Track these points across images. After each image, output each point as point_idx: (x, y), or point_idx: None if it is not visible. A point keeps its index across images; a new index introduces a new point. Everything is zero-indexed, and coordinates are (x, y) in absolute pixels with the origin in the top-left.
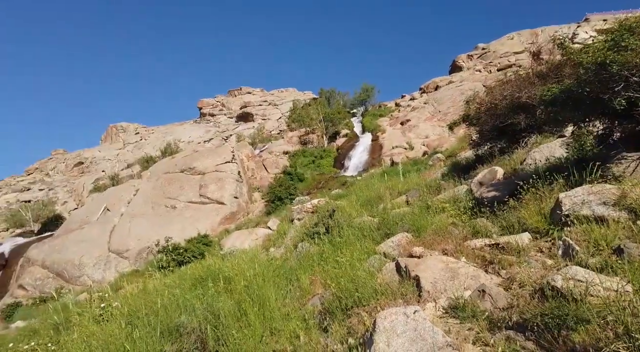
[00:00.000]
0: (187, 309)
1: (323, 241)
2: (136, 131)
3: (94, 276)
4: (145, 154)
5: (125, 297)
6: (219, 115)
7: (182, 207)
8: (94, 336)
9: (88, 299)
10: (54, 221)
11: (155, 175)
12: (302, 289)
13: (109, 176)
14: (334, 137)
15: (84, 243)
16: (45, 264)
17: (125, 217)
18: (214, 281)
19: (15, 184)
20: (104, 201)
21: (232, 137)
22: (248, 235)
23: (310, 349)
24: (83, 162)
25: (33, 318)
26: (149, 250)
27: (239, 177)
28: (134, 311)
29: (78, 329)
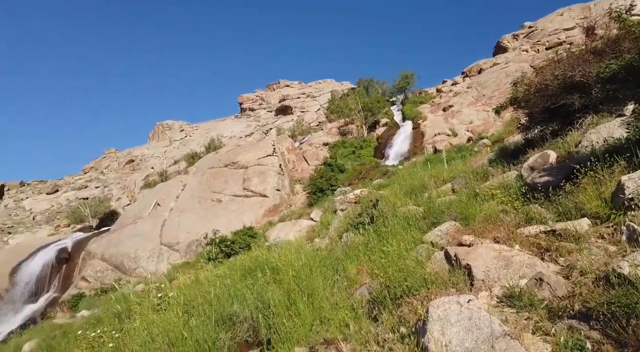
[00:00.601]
0: (238, 299)
1: (368, 231)
2: (181, 128)
3: (149, 268)
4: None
5: (179, 288)
6: (259, 110)
7: (227, 201)
8: (154, 324)
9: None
10: (110, 216)
11: (201, 170)
12: (349, 279)
13: (158, 172)
14: (374, 126)
15: (137, 237)
16: (104, 257)
17: (174, 212)
18: (263, 272)
19: (74, 183)
20: (154, 197)
21: (272, 130)
22: (292, 226)
23: (360, 338)
24: (133, 160)
25: (96, 308)
26: (197, 242)
27: (280, 169)
28: (189, 300)
29: (138, 317)
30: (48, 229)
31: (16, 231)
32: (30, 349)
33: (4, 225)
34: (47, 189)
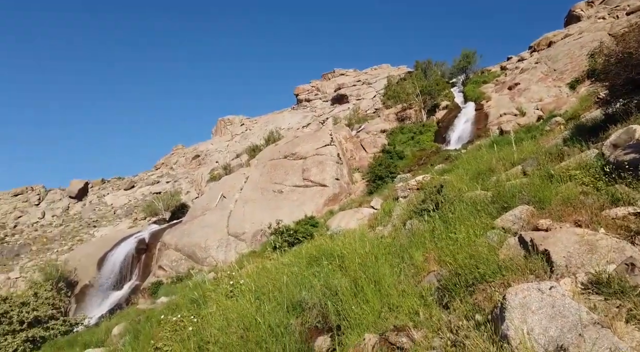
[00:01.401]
0: (305, 286)
1: (433, 218)
2: (241, 123)
3: (218, 257)
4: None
5: (249, 276)
6: (315, 100)
7: (288, 191)
8: (229, 310)
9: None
10: (181, 208)
11: (262, 162)
12: (415, 267)
13: (222, 166)
14: (433, 110)
15: (207, 228)
16: (178, 247)
17: (239, 203)
18: (328, 260)
19: (147, 178)
20: (219, 189)
21: (328, 120)
22: (352, 215)
23: (432, 325)
24: (199, 155)
25: (173, 294)
26: (262, 232)
27: (339, 159)
28: (260, 287)
29: (214, 303)
30: (127, 222)
31: (100, 224)
32: (119, 332)
33: (89, 219)
34: (124, 185)
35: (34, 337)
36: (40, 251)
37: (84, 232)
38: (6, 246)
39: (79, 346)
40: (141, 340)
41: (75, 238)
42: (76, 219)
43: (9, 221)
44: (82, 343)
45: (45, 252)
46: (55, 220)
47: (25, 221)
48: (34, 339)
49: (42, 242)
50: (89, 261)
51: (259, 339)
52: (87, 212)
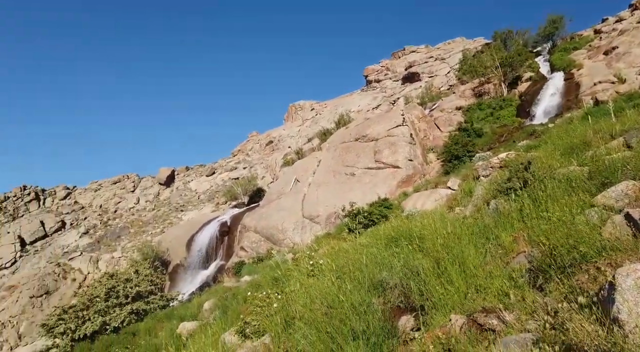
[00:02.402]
0: (385, 267)
1: (521, 196)
2: (311, 108)
3: (295, 239)
4: (322, 127)
5: (328, 256)
6: (385, 80)
7: (360, 174)
8: (311, 288)
9: (294, 258)
10: (258, 193)
11: (333, 146)
12: (503, 247)
13: (294, 151)
14: (515, 83)
15: (282, 211)
16: (257, 230)
17: (312, 187)
18: (407, 240)
19: (226, 165)
20: (293, 174)
21: (399, 100)
22: (428, 196)
23: (525, 307)
24: (272, 141)
25: (255, 274)
26: (335, 215)
27: (412, 139)
28: (339, 267)
29: (295, 282)
30: (210, 206)
31: (186, 209)
32: (209, 308)
33: (177, 204)
34: (206, 172)
35: (137, 310)
36: (137, 233)
37: (173, 216)
38: (109, 228)
39: (176, 319)
40: (229, 315)
41: (165, 221)
42: (166, 204)
43: (110, 206)
44: (178, 316)
45: (142, 234)
46: (148, 205)
47: (124, 206)
48: (137, 311)
49: (138, 225)
50: (179, 242)
51: (343, 317)
52: (174, 198)
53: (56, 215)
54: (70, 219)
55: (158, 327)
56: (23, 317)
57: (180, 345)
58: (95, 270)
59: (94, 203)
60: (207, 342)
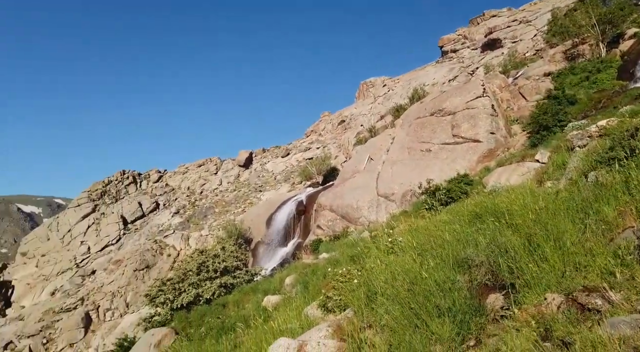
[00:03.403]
0: (469, 244)
1: (627, 167)
2: (383, 84)
3: (370, 217)
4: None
5: (407, 233)
6: (462, 50)
7: (437, 150)
8: (392, 265)
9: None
10: (332, 172)
11: (407, 122)
12: (606, 223)
13: (367, 129)
14: (616, 41)
15: (357, 190)
16: (332, 208)
17: (386, 164)
18: (493, 216)
19: (300, 146)
20: (366, 152)
21: (478, 69)
22: (513, 170)
23: (636, 287)
24: (344, 120)
25: (332, 251)
26: (411, 192)
27: (493, 111)
28: (420, 244)
29: (374, 259)
30: (286, 186)
31: (264, 189)
32: (290, 283)
33: (256, 185)
34: (281, 153)
35: (225, 284)
36: (221, 212)
37: (252, 196)
38: (197, 208)
39: (260, 292)
40: (310, 290)
41: (246, 201)
42: (245, 185)
43: (197, 187)
44: (262, 290)
45: (225, 213)
46: (230, 186)
47: (208, 187)
48: (226, 285)
49: (222, 205)
50: (259, 221)
51: (426, 293)
52: (253, 179)
53: (151, 196)
54: (163, 200)
55: (245, 300)
56: (129, 288)
57: (266, 316)
58: (187, 246)
59: (182, 185)
60: (291, 314)
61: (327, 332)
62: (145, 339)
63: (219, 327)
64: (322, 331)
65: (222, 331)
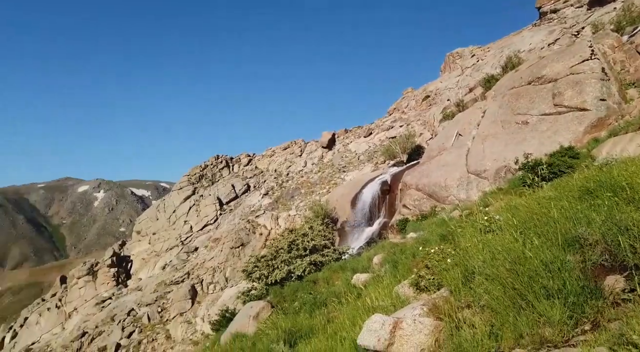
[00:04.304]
0: (581, 222)
1: None
2: (472, 54)
3: (459, 196)
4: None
5: (505, 211)
6: (564, 9)
7: (535, 122)
8: (490, 244)
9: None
10: (417, 150)
11: (500, 93)
12: None
13: (454, 103)
14: None
15: (444, 167)
16: (418, 187)
17: (477, 140)
18: (610, 192)
19: (382, 125)
20: (454, 128)
21: (584, 29)
22: (630, 140)
23: None
24: (429, 95)
25: (421, 231)
26: (506, 168)
27: (603, 74)
28: (521, 222)
29: (470, 237)
30: (370, 166)
31: (348, 169)
32: (379, 262)
33: (339, 165)
34: (363, 133)
35: (315, 261)
36: (307, 193)
37: (336, 176)
38: (284, 190)
39: (349, 270)
40: (399, 269)
41: (330, 182)
42: (329, 166)
43: (283, 169)
44: (350, 268)
45: (311, 194)
46: (314, 167)
47: (294, 169)
48: (315, 262)
49: (307, 186)
50: (344, 201)
51: (531, 273)
52: (336, 159)
53: (242, 179)
54: (253, 182)
55: (334, 277)
56: (227, 264)
57: (357, 293)
58: (277, 226)
59: (270, 168)
60: (382, 292)
61: (422, 311)
62: (244, 311)
63: (311, 302)
64: (416, 309)
65: (315, 305)
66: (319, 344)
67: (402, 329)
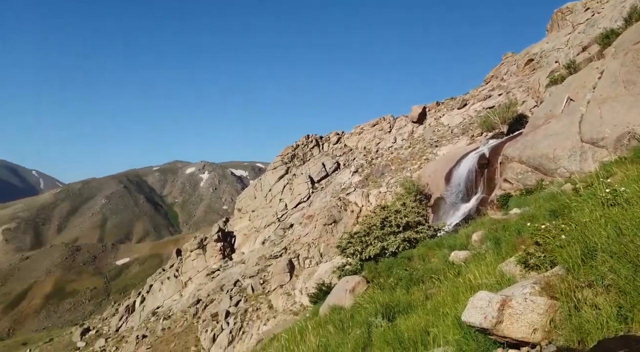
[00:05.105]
0: None
1: None
2: (585, 7)
3: (571, 168)
4: (603, 29)
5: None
6: None
7: None
8: (615, 218)
9: (574, 188)
10: (518, 120)
11: (622, 49)
12: None
13: (564, 65)
14: None
15: (552, 137)
16: (522, 160)
17: (592, 104)
18: None
19: (478, 94)
20: (564, 92)
21: None
22: None
23: None
24: (532, 58)
25: (525, 206)
26: (630, 135)
27: None
28: None
29: (589, 212)
30: (465, 140)
31: (440, 144)
32: (478, 239)
33: (431, 140)
34: (457, 105)
35: (409, 238)
36: (397, 170)
37: (428, 152)
38: (374, 167)
39: (445, 247)
40: (503, 246)
41: (422, 157)
42: (420, 141)
43: (372, 146)
44: (447, 245)
45: (401, 170)
46: (404, 143)
47: (383, 146)
48: (409, 239)
49: (397, 163)
50: (437, 177)
51: None
52: (428, 134)
53: (332, 157)
54: (343, 160)
55: (430, 254)
56: (321, 240)
57: (455, 271)
58: (367, 203)
59: (359, 145)
60: (484, 270)
61: (534, 289)
62: (341, 285)
63: (407, 278)
64: (526, 287)
65: (411, 282)
66: (418, 320)
67: (512, 308)
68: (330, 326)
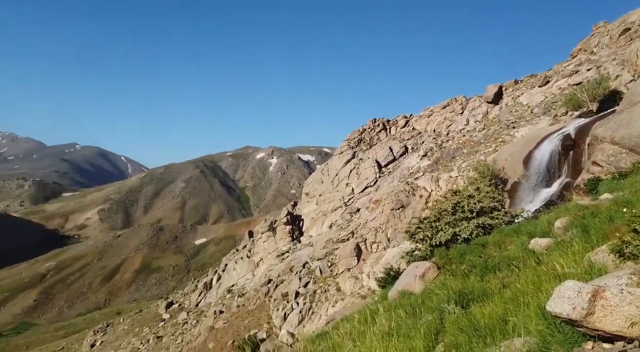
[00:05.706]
0: None
1: None
2: None
3: None
4: None
5: None
6: None
7: None
8: None
9: None
10: (611, 97)
11: None
12: None
13: None
14: None
15: None
16: (614, 141)
17: None
18: None
19: (563, 70)
20: None
21: None
22: None
23: None
24: (629, 27)
25: (619, 191)
26: None
27: None
28: None
29: None
30: (547, 120)
31: (519, 125)
32: (562, 226)
33: (507, 121)
34: (538, 82)
35: (482, 224)
36: (470, 153)
37: (504, 133)
38: (444, 150)
39: (524, 234)
40: (592, 234)
41: (497, 140)
42: (495, 122)
43: (443, 129)
44: (526, 232)
45: (474, 154)
46: (478, 125)
47: (454, 128)
48: (483, 225)
49: (470, 146)
50: (515, 160)
51: None
52: (504, 115)
53: (400, 141)
54: (411, 144)
55: (506, 241)
56: (388, 225)
57: (535, 259)
58: (437, 188)
59: (428, 128)
60: (569, 259)
61: (631, 280)
62: (410, 271)
63: (482, 265)
64: (622, 278)
65: (486, 269)
66: (495, 308)
67: (605, 299)
68: (401, 311)
